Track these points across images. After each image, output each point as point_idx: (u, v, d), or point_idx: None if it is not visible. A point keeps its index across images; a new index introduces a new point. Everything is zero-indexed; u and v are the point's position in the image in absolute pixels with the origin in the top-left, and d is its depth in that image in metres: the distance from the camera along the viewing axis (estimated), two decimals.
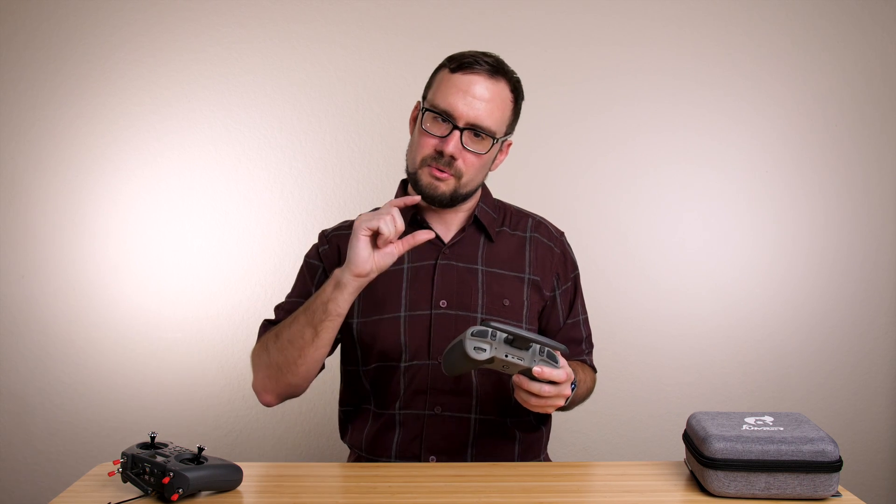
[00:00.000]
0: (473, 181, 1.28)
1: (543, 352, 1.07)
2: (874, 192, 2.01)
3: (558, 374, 1.07)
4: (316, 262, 1.37)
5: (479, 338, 1.04)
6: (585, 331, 1.42)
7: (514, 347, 1.06)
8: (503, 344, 1.05)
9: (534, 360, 1.06)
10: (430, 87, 1.29)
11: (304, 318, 1.20)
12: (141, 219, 1.99)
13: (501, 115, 1.26)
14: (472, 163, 1.25)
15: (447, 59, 1.29)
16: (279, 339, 1.23)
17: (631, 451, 2.03)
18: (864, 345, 2.03)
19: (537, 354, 1.07)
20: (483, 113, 1.23)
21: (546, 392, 1.08)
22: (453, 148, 1.22)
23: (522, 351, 1.06)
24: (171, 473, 0.99)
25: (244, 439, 2.02)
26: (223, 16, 1.97)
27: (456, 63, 1.25)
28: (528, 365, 1.06)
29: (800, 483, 1.02)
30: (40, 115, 1.98)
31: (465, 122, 1.23)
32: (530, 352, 1.07)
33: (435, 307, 1.28)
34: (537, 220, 1.41)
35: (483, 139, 1.25)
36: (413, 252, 1.31)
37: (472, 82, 1.23)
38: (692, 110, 2.00)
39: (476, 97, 1.23)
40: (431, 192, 1.26)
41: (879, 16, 1.99)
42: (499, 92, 1.25)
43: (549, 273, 1.36)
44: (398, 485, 1.09)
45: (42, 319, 1.99)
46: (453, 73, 1.24)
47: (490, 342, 1.04)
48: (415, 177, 1.28)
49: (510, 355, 1.05)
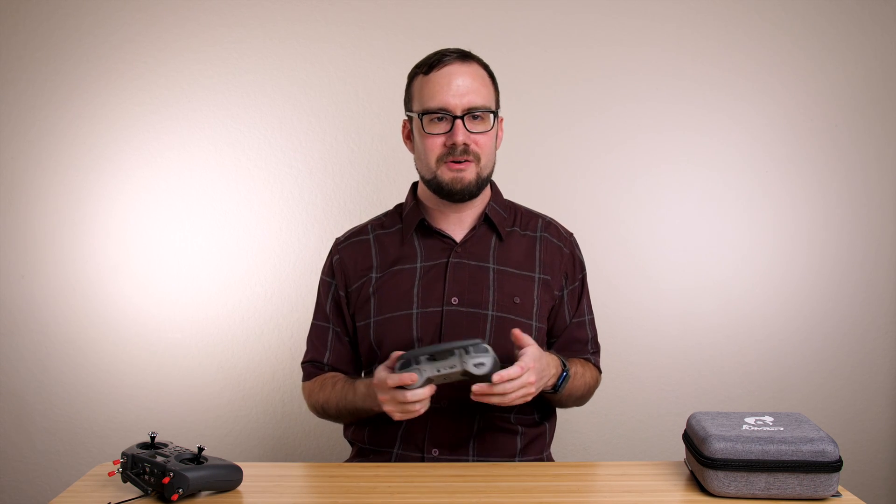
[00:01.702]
0: (489, 162, 1.34)
1: (468, 350, 1.12)
2: (874, 192, 2.01)
3: (512, 371, 1.12)
4: (329, 280, 1.42)
5: (405, 370, 1.12)
6: (591, 331, 1.44)
7: (438, 361, 1.12)
8: (428, 363, 1.12)
9: (464, 362, 1.11)
10: (413, 98, 1.34)
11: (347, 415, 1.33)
12: (141, 219, 1.99)
13: (488, 91, 1.32)
14: (484, 143, 1.30)
15: (415, 66, 1.35)
16: (326, 411, 1.37)
17: (631, 451, 2.03)
18: (864, 345, 2.03)
19: (465, 355, 1.12)
20: (472, 95, 1.29)
21: (510, 389, 1.12)
22: (462, 136, 1.27)
23: (449, 359, 1.12)
24: (171, 473, 0.99)
25: (244, 439, 2.02)
26: (223, 16, 1.97)
27: (426, 65, 1.32)
28: (462, 368, 1.11)
29: (800, 483, 1.02)
30: (40, 115, 1.98)
31: (461, 110, 1.28)
32: (457, 356, 1.12)
33: (447, 304, 1.31)
34: (547, 221, 1.44)
35: (483, 117, 1.30)
36: (425, 251, 1.36)
37: (450, 73, 1.29)
38: (692, 110, 2.00)
39: (460, 84, 1.28)
40: (459, 185, 1.30)
41: (879, 16, 1.99)
42: (475, 72, 1.31)
43: (558, 273, 1.38)
44: (398, 485, 1.10)
45: (42, 319, 1.99)
46: (428, 74, 1.30)
47: (417, 369, 1.11)
48: (436, 179, 1.31)
49: (441, 369, 1.11)
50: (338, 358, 1.41)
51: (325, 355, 1.41)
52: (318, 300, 1.44)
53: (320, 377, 1.40)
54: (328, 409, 1.35)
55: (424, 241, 1.37)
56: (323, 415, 1.39)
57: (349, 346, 1.41)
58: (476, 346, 1.12)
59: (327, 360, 1.41)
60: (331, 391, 1.34)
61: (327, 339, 1.41)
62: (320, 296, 1.44)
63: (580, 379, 1.33)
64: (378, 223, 1.44)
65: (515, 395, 1.13)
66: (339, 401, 1.32)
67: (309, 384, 1.41)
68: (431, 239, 1.37)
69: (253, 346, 2.00)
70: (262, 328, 2.00)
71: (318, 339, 1.42)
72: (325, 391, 1.36)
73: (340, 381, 1.35)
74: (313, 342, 1.43)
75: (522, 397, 1.15)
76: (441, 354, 1.11)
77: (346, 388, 1.32)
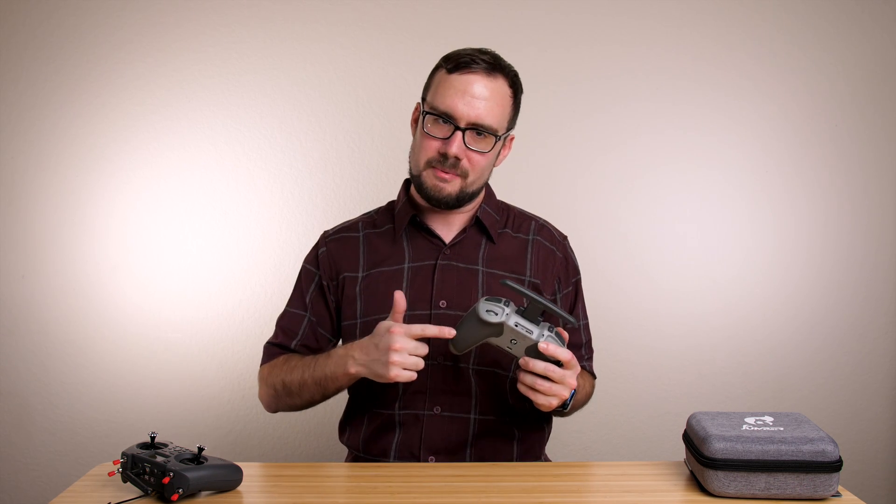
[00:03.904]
0: (479, 180, 1.29)
1: (553, 330, 1.11)
2: (874, 192, 2.01)
3: (564, 353, 1.10)
4: (313, 269, 1.38)
5: (492, 303, 1.10)
6: (585, 336, 1.42)
7: (525, 319, 1.10)
8: (515, 314, 1.10)
9: (542, 335, 1.10)
10: (429, 89, 1.29)
11: (312, 384, 1.25)
12: (141, 219, 1.99)
13: (502, 112, 1.26)
14: (477, 162, 1.26)
15: (443, 58, 1.28)
16: (286, 386, 1.29)
17: (631, 451, 2.03)
18: (864, 345, 2.03)
19: (546, 331, 1.10)
20: (483, 112, 1.23)
21: (552, 373, 1.10)
22: (457, 149, 1.23)
23: (532, 324, 1.10)
24: (171, 473, 0.99)
25: (244, 439, 2.02)
26: (223, 16, 1.97)
27: (453, 63, 1.25)
28: (535, 339, 1.09)
29: (800, 483, 1.02)
30: (40, 115, 1.98)
31: (466, 123, 1.23)
32: (539, 327, 1.10)
33: (434, 307, 1.28)
34: (540, 224, 1.41)
35: (485, 137, 1.25)
36: (414, 252, 1.33)
37: (471, 82, 1.23)
38: (692, 110, 2.00)
39: (475, 96, 1.23)
40: (437, 194, 1.26)
41: (879, 16, 1.99)
42: (497, 89, 1.25)
43: (550, 276, 1.36)
44: (398, 485, 1.09)
45: (42, 319, 1.99)
46: (451, 73, 1.24)
47: (503, 308, 1.09)
48: (419, 179, 1.28)
49: (519, 325, 1.09)
50: (306, 347, 1.35)
51: (293, 343, 1.35)
52: (296, 287, 1.39)
53: (284, 356, 1.34)
54: (289, 383, 1.28)
55: (413, 241, 1.34)
56: (281, 392, 1.30)
57: (320, 336, 1.36)
58: (559, 336, 1.11)
59: (294, 347, 1.35)
60: (297, 363, 1.28)
61: (300, 327, 1.36)
62: (301, 283, 1.38)
63: (581, 392, 1.31)
64: (369, 221, 1.40)
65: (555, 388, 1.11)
66: (304, 370, 1.26)
67: (268, 365, 1.35)
68: (420, 239, 1.34)
69: (253, 346, 2.00)
70: (262, 328, 2.00)
71: (290, 326, 1.36)
72: (288, 364, 1.29)
73: (309, 356, 1.30)
74: (283, 327, 1.37)
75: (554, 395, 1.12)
76: (533, 312, 1.09)
77: (315, 358, 1.26)
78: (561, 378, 1.11)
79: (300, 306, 1.37)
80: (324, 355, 1.26)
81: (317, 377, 1.24)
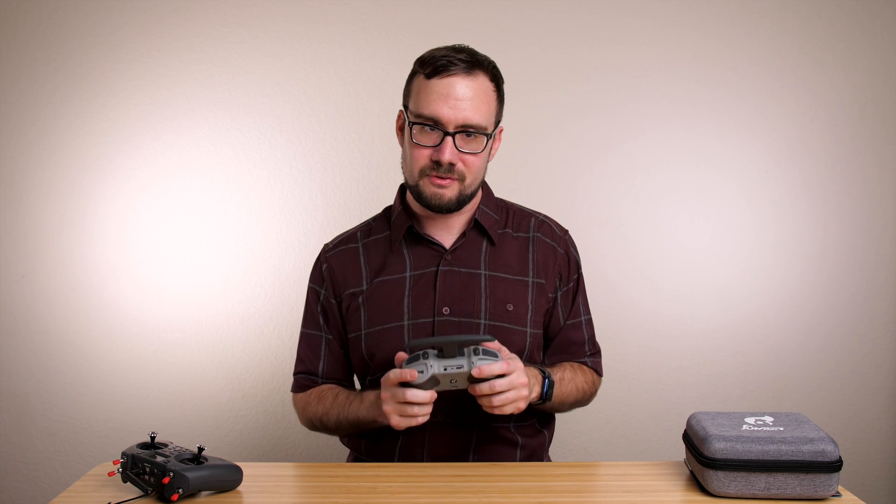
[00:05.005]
0: (476, 180, 1.28)
1: (478, 351, 1.09)
2: (874, 192, 2.01)
3: (497, 368, 1.08)
4: (318, 288, 1.38)
5: (414, 363, 1.08)
6: (588, 332, 1.40)
7: (447, 358, 1.08)
8: (436, 359, 1.08)
9: (472, 363, 1.08)
10: (409, 96, 1.27)
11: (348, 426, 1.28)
12: (141, 219, 1.99)
13: (488, 109, 1.24)
14: (472, 163, 1.24)
15: (418, 62, 1.26)
16: (324, 424, 1.32)
17: (631, 451, 2.03)
18: (864, 345, 2.03)
19: (473, 356, 1.08)
20: (470, 112, 1.21)
21: (499, 387, 1.09)
22: (449, 155, 1.21)
23: (457, 358, 1.08)
24: (171, 473, 0.99)
25: (244, 439, 2.02)
26: (223, 16, 1.97)
27: (430, 67, 1.22)
28: (468, 370, 1.08)
29: (800, 483, 1.02)
30: (40, 115, 1.98)
31: (454, 126, 1.21)
32: (466, 356, 1.08)
33: (438, 314, 1.27)
34: (540, 220, 1.39)
35: (476, 138, 1.23)
36: (414, 259, 1.32)
37: (452, 84, 1.21)
38: (692, 110, 2.00)
39: (459, 98, 1.20)
40: (437, 201, 1.25)
41: (879, 16, 1.99)
42: (479, 86, 1.23)
43: (552, 274, 1.35)
44: (398, 485, 1.09)
45: (42, 319, 1.99)
46: (430, 78, 1.22)
47: (425, 363, 1.08)
48: (416, 189, 1.27)
49: (448, 367, 1.07)
50: (332, 368, 1.37)
51: (319, 366, 1.37)
52: (307, 308, 1.40)
53: (317, 389, 1.35)
54: (327, 422, 1.31)
55: (413, 248, 1.32)
56: (320, 427, 1.34)
57: (341, 354, 1.37)
58: (488, 351, 1.09)
59: (322, 372, 1.37)
60: (331, 403, 1.30)
61: (320, 348, 1.37)
62: (310, 303, 1.39)
63: (569, 384, 1.30)
64: (367, 230, 1.39)
65: (509, 396, 1.10)
66: (339, 412, 1.28)
67: (303, 396, 1.37)
68: (420, 246, 1.32)
69: (253, 346, 2.00)
70: (262, 328, 2.00)
71: (310, 350, 1.38)
72: (324, 403, 1.31)
73: (342, 393, 1.31)
74: (305, 352, 1.38)
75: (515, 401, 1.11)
76: (449, 349, 1.07)
77: (349, 398, 1.28)
78: (509, 386, 1.10)
79: (313, 326, 1.38)
80: (356, 397, 1.27)
81: (351, 420, 1.27)
